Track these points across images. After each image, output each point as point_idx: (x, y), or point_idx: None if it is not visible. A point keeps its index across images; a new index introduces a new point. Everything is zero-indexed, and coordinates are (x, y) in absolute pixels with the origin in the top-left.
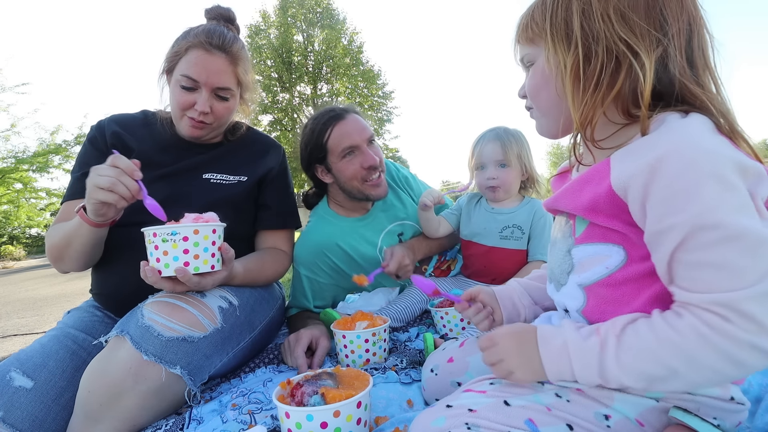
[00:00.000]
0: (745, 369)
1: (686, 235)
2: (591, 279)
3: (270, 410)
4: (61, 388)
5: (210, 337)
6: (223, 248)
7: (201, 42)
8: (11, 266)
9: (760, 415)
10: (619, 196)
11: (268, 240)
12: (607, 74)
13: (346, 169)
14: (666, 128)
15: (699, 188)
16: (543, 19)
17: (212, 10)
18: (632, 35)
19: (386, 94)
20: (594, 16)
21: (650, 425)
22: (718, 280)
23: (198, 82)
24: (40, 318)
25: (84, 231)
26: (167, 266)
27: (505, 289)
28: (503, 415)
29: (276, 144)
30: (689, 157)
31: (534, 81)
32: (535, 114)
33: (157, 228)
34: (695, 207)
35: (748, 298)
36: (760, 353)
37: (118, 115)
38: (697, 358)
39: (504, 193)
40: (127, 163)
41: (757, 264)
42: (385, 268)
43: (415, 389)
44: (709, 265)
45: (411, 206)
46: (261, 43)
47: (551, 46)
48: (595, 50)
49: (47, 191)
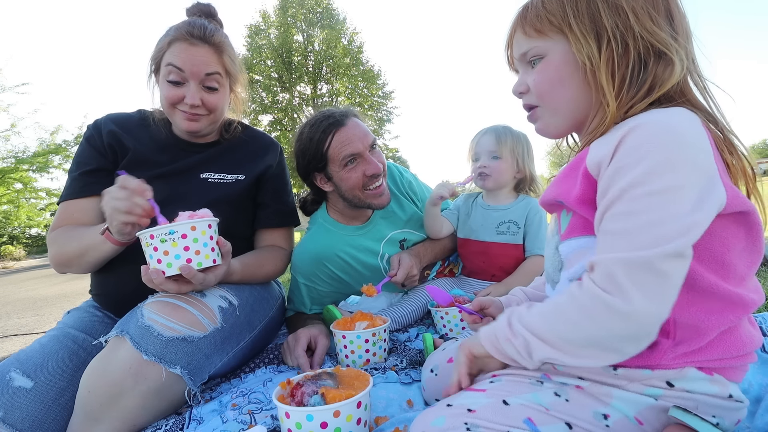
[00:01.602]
0: (606, 332)
1: (614, 198)
2: (579, 273)
3: (270, 410)
4: (61, 388)
5: (210, 336)
6: (220, 242)
7: (182, 34)
8: (11, 266)
9: (760, 414)
10: (592, 175)
11: (267, 238)
12: (640, 67)
13: (348, 178)
14: (645, 113)
15: (647, 159)
16: (562, 9)
17: (193, 7)
18: (660, 32)
19: (386, 94)
20: (620, 10)
21: (649, 424)
22: (610, 245)
23: (184, 72)
24: (40, 318)
25: (106, 248)
26: (170, 265)
27: (511, 300)
28: (502, 415)
29: (274, 142)
30: (653, 131)
31: (547, 75)
32: (541, 112)
33: (153, 229)
34: (633, 174)
35: (620, 262)
36: (614, 314)
37: (115, 114)
38: (566, 313)
39: (493, 183)
40: (137, 183)
41: (647, 238)
42: (393, 277)
43: (415, 389)
44: (609, 231)
45: (413, 213)
46: (261, 43)
47: (579, 38)
48: (628, 43)
49: (47, 191)
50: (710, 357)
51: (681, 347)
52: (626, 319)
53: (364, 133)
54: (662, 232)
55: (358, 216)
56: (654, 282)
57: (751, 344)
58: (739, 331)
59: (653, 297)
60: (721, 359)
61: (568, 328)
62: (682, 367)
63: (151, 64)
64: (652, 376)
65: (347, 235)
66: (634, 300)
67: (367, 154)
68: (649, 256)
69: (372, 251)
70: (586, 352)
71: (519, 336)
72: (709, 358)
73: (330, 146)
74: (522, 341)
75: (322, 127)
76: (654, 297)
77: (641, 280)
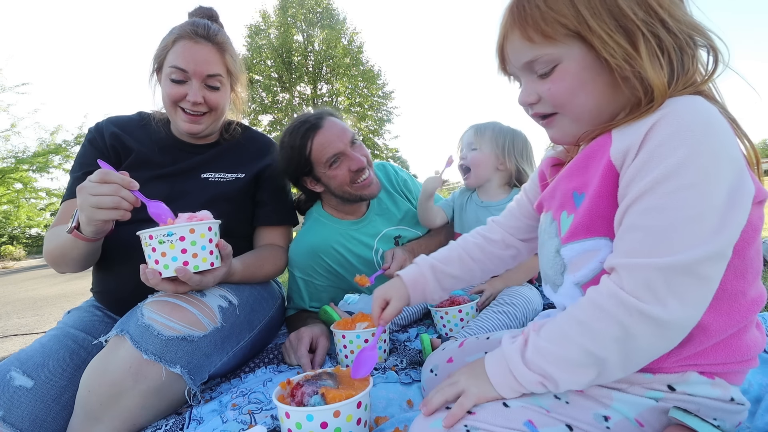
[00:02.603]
0: (640, 342)
1: (644, 191)
2: (587, 276)
3: (270, 410)
4: (62, 387)
5: (210, 336)
6: (220, 245)
7: (187, 32)
8: (11, 266)
9: (760, 415)
10: (615, 167)
11: (266, 237)
12: (680, 56)
13: (335, 176)
14: (672, 100)
15: (682, 148)
16: (574, 9)
17: (195, 10)
18: (688, 17)
19: (386, 94)
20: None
21: (650, 425)
22: (640, 245)
23: (187, 72)
24: (40, 318)
25: (79, 245)
26: (167, 267)
27: (416, 279)
28: (502, 418)
29: (272, 142)
30: (687, 119)
31: (565, 85)
32: (560, 120)
33: (153, 230)
34: (667, 164)
35: (659, 269)
36: (649, 323)
37: (115, 117)
38: (594, 329)
39: (474, 178)
40: (120, 176)
41: (684, 238)
42: (386, 270)
43: (415, 389)
44: (638, 228)
45: (408, 210)
46: (261, 43)
47: (606, 39)
48: (658, 34)
49: (47, 191)
50: (713, 361)
51: (685, 350)
52: (662, 326)
53: (341, 130)
54: (701, 231)
55: (353, 211)
56: (694, 286)
57: (755, 349)
58: (745, 336)
59: (691, 303)
60: (724, 364)
61: (595, 344)
62: (684, 371)
63: (153, 63)
64: (653, 380)
65: (342, 229)
66: (670, 307)
67: (348, 151)
68: (689, 261)
69: (367, 245)
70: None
71: (538, 373)
72: (712, 362)
73: (312, 150)
74: (549, 380)
75: (300, 133)
76: (691, 303)
77: (680, 287)
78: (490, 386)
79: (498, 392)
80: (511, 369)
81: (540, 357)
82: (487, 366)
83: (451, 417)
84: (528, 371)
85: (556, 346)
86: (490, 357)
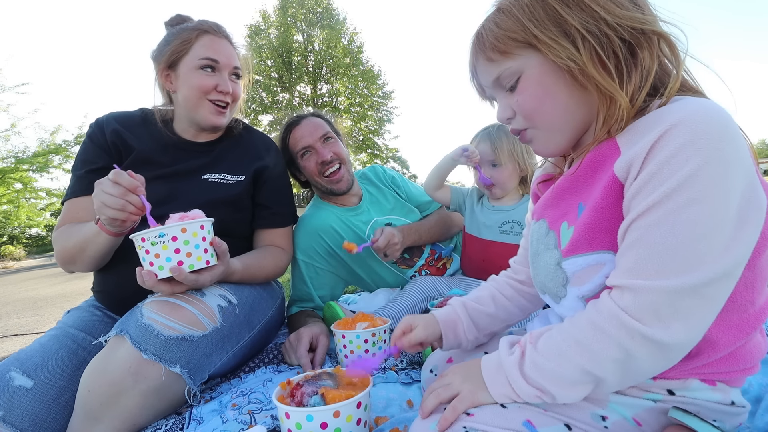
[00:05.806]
0: (639, 362)
1: (652, 205)
2: (593, 291)
3: (270, 410)
4: (61, 387)
5: (210, 336)
6: (215, 242)
7: (210, 27)
8: (11, 266)
9: (760, 415)
10: (619, 178)
11: (266, 238)
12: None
13: (306, 167)
14: (680, 101)
15: (697, 157)
16: (519, 24)
17: (171, 19)
18: (631, 13)
19: (386, 94)
20: (581, 5)
21: (648, 425)
22: (645, 264)
23: (219, 62)
24: (40, 318)
25: (101, 239)
26: (161, 268)
27: (449, 318)
28: (501, 418)
29: (273, 142)
30: (701, 129)
31: (530, 93)
32: (533, 133)
33: (144, 232)
34: (673, 180)
35: (666, 293)
36: (649, 345)
37: (117, 113)
38: (593, 350)
39: (500, 191)
40: (130, 180)
41: (692, 258)
42: (374, 243)
43: (415, 389)
44: (643, 244)
45: (396, 201)
46: (261, 43)
47: (552, 44)
48: (606, 33)
49: (47, 191)
50: (717, 370)
51: (691, 363)
52: (663, 348)
53: (314, 127)
54: (710, 250)
55: (343, 201)
56: (699, 308)
57: (759, 355)
58: (749, 345)
59: (695, 325)
60: (728, 372)
61: (593, 365)
62: (686, 378)
63: (165, 60)
64: (653, 385)
65: (340, 212)
66: (673, 329)
67: (318, 145)
68: (696, 283)
69: (360, 229)
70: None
71: (536, 387)
72: (716, 371)
73: (289, 143)
74: (547, 394)
75: (283, 128)
76: (695, 325)
77: (686, 309)
78: (486, 392)
79: (494, 399)
80: (510, 381)
81: (537, 373)
82: (484, 372)
83: (444, 421)
84: (526, 385)
85: (553, 364)
86: (487, 363)
